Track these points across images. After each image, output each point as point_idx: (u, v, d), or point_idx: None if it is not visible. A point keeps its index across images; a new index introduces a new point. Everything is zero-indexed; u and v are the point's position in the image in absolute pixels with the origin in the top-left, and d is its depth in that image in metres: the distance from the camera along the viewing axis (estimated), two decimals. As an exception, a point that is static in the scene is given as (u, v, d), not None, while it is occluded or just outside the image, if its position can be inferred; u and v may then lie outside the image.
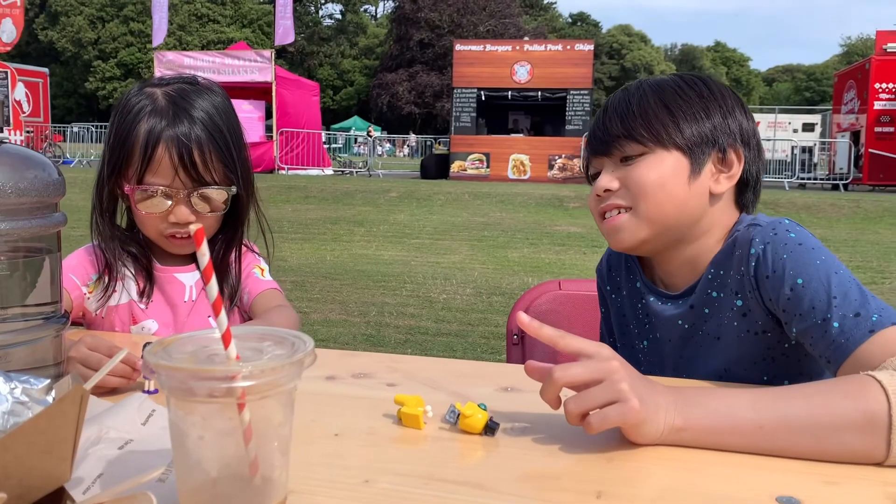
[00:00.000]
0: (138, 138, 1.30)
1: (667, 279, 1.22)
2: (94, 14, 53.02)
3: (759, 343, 1.11)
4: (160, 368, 0.56)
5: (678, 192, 1.12)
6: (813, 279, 0.99)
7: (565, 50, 18.56)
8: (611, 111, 1.17)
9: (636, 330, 1.29)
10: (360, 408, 0.92)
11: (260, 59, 17.99)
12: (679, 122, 1.13)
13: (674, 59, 73.46)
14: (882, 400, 0.79)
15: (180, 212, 1.33)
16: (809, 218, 11.25)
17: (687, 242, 1.16)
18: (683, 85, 1.17)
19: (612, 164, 1.16)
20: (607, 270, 1.35)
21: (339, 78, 59.03)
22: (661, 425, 0.80)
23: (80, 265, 1.40)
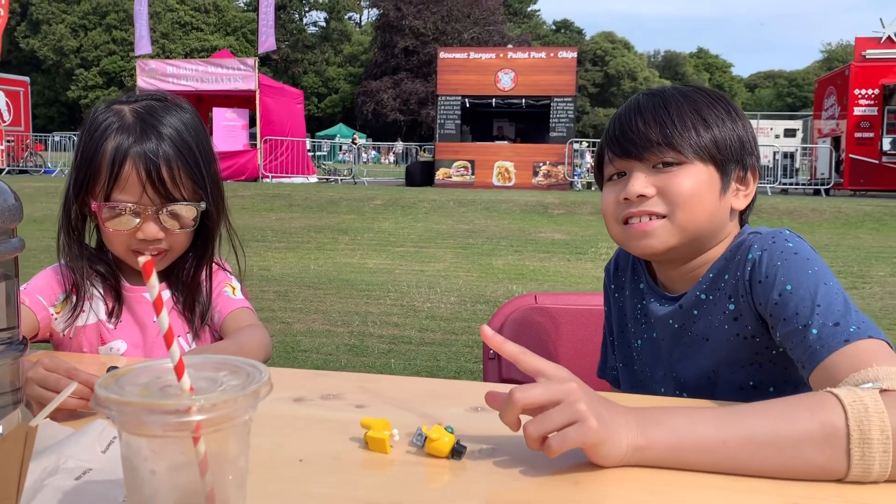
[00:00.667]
0: (105, 155, 1.29)
1: (668, 283, 1.25)
2: (77, 22, 52.70)
3: (747, 347, 1.12)
4: (110, 403, 0.55)
5: (711, 204, 1.15)
6: (801, 287, 1.02)
7: (549, 57, 18.64)
8: (647, 115, 1.16)
9: (633, 329, 1.31)
10: (327, 431, 0.91)
11: (243, 67, 17.93)
12: (716, 138, 1.15)
13: (657, 66, 73.97)
14: (839, 412, 0.80)
15: (148, 229, 1.31)
16: (791, 223, 11.34)
17: (701, 252, 1.19)
18: (711, 100, 1.19)
19: (645, 169, 1.15)
20: (614, 269, 1.38)
21: (323, 85, 58.95)
22: (623, 445, 0.80)
23: (47, 285, 1.38)
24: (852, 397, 0.81)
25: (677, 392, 1.22)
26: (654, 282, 1.28)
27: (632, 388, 1.33)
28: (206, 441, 0.59)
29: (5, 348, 0.78)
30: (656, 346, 1.25)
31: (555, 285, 7.15)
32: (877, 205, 12.70)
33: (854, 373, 0.89)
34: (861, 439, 0.78)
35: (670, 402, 1.09)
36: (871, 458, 0.78)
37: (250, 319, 1.41)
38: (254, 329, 1.32)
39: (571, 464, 0.82)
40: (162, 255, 1.36)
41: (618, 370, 1.37)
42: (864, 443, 0.78)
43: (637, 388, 1.31)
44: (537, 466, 0.81)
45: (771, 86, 76.87)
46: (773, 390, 1.14)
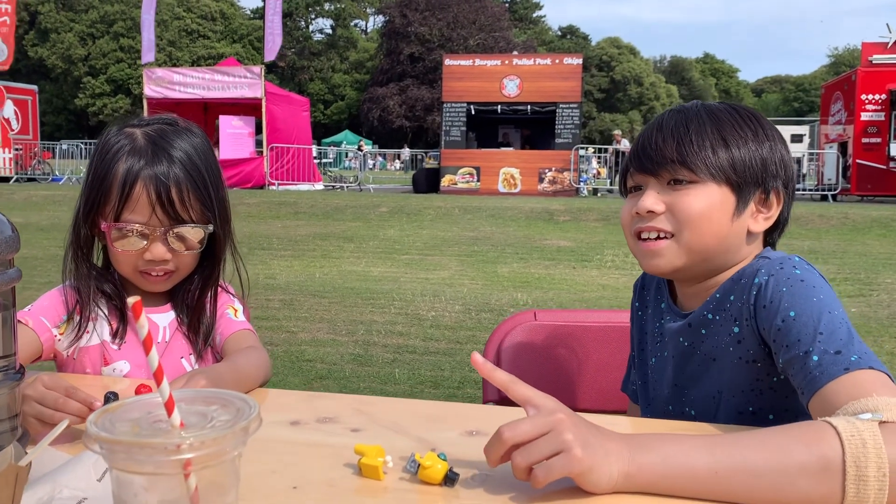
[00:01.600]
0: (117, 177, 1.31)
1: (684, 300, 1.26)
2: (85, 31, 53.04)
3: (749, 372, 1.12)
4: (100, 441, 0.56)
5: (722, 226, 1.14)
6: (804, 314, 1.01)
7: (554, 64, 18.66)
8: (666, 132, 1.17)
9: (650, 347, 1.32)
10: (322, 457, 0.91)
11: (249, 75, 18.01)
12: (734, 159, 1.14)
13: (663, 71, 73.94)
14: (836, 446, 0.80)
15: (156, 249, 1.33)
16: (798, 230, 11.31)
17: (714, 274, 1.19)
18: (740, 119, 1.18)
19: (658, 186, 1.16)
20: (641, 287, 1.39)
21: (329, 92, 59.14)
22: (613, 472, 0.80)
23: (51, 306, 1.40)
24: (850, 431, 0.80)
25: (686, 409, 1.22)
26: (672, 301, 1.29)
27: (646, 405, 1.33)
28: (196, 476, 0.59)
29: (2, 377, 0.79)
30: (666, 363, 1.26)
31: (560, 293, 7.14)
32: (884, 210, 12.65)
33: (853, 401, 0.89)
34: (857, 476, 0.78)
35: (670, 427, 1.09)
36: (867, 495, 0.78)
37: (250, 341, 1.42)
38: (252, 351, 1.33)
39: (563, 489, 0.82)
40: (168, 275, 1.38)
41: (637, 387, 1.38)
42: (860, 480, 0.78)
43: (649, 406, 1.32)
44: (529, 494, 0.81)
45: (778, 91, 76.75)
46: (772, 418, 1.13)
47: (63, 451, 0.89)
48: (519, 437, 0.79)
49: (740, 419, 1.14)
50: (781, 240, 1.30)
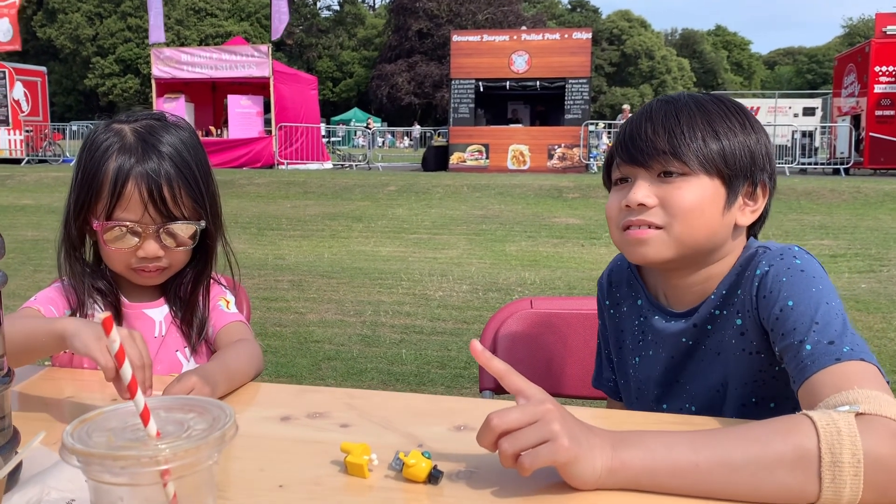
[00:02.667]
0: (107, 175, 1.31)
1: (672, 297, 1.24)
2: (92, 10, 52.91)
3: (752, 363, 1.13)
4: (76, 453, 0.57)
5: (713, 220, 1.13)
6: (802, 303, 1.02)
7: (563, 39, 18.47)
8: (656, 122, 1.15)
9: (630, 346, 1.31)
10: (309, 454, 0.92)
11: (257, 54, 17.95)
12: (725, 152, 1.13)
13: (674, 44, 73.09)
14: (812, 435, 0.81)
15: (149, 247, 1.33)
16: (809, 204, 11.22)
17: (702, 266, 1.18)
18: (727, 111, 1.17)
19: (648, 178, 1.14)
20: (608, 285, 1.37)
21: (338, 70, 58.87)
22: (598, 466, 0.81)
23: (56, 298, 1.40)
24: (826, 420, 0.82)
25: (685, 405, 1.22)
26: (654, 295, 1.27)
27: (630, 405, 1.34)
28: (174, 483, 0.60)
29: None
30: (657, 362, 1.25)
31: (568, 272, 7.13)
32: (897, 184, 12.52)
33: (836, 393, 0.90)
34: (832, 462, 0.79)
35: (663, 421, 1.10)
36: (842, 481, 0.79)
37: (243, 333, 1.43)
38: (242, 345, 1.34)
39: (547, 484, 0.83)
40: (160, 271, 1.39)
41: (617, 384, 1.38)
42: (835, 465, 0.79)
43: (635, 405, 1.32)
44: (513, 490, 0.82)
45: (791, 63, 75.78)
46: (773, 406, 1.14)
47: (54, 450, 0.90)
48: (507, 424, 0.80)
49: (744, 410, 1.15)
50: (793, 216, 1.30)
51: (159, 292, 1.46)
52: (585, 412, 1.12)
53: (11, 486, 0.79)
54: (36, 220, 10.21)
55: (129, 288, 1.44)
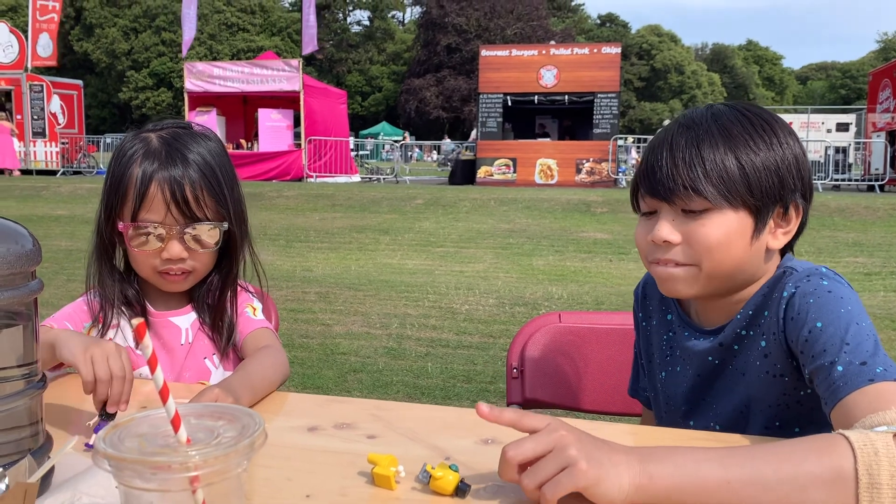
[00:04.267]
0: (133, 178, 1.34)
1: (703, 314, 1.23)
2: (128, 25, 54.00)
3: (776, 386, 1.11)
4: (108, 458, 0.57)
5: (740, 251, 1.11)
6: (831, 324, 1.01)
7: (592, 53, 18.45)
8: (676, 155, 1.10)
9: (658, 360, 1.30)
10: (336, 465, 0.92)
11: (288, 69, 18.16)
12: (750, 182, 1.09)
13: (705, 59, 72.62)
14: (848, 455, 0.79)
15: (173, 248, 1.35)
16: (843, 221, 11.04)
17: (734, 291, 1.16)
18: (752, 130, 1.11)
19: (671, 213, 1.12)
20: (642, 297, 1.36)
21: (367, 84, 59.36)
22: (624, 483, 0.79)
23: (74, 313, 1.43)
24: (863, 440, 0.80)
25: (710, 424, 1.21)
26: (685, 314, 1.26)
27: (660, 418, 1.32)
28: (203, 491, 0.61)
29: (25, 385, 0.81)
30: (684, 379, 1.24)
31: (596, 287, 7.08)
32: (933, 201, 12.27)
33: (872, 413, 0.88)
34: (870, 484, 0.77)
35: (692, 438, 1.08)
36: (881, 503, 0.77)
37: (269, 340, 1.44)
38: (267, 353, 1.34)
39: (574, 499, 0.82)
40: (186, 275, 1.40)
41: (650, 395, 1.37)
42: (873, 487, 0.77)
43: (664, 419, 1.30)
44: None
45: (824, 78, 74.88)
46: (797, 431, 1.12)
47: (86, 456, 0.91)
48: (522, 455, 0.80)
49: (767, 433, 1.13)
50: (826, 233, 1.28)
51: (186, 300, 1.48)
52: (614, 429, 1.11)
53: (44, 490, 0.80)
54: (70, 230, 10.39)
55: (156, 296, 1.46)
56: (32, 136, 20.10)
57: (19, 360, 0.81)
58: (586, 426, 1.04)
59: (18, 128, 19.74)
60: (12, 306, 0.79)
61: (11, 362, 0.80)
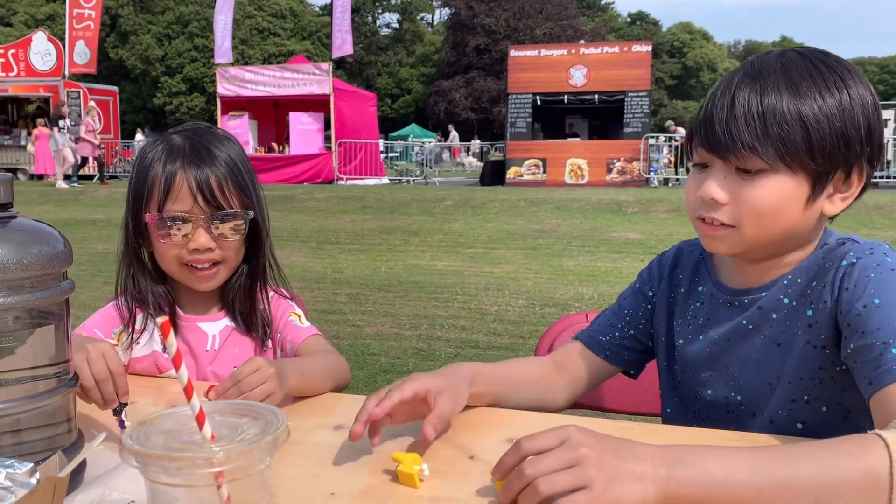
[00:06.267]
0: (158, 173, 1.36)
1: (739, 274, 1.17)
2: (161, 32, 54.87)
3: (814, 358, 1.06)
4: (134, 454, 0.59)
5: (791, 218, 1.05)
6: (890, 303, 0.96)
7: (622, 52, 18.32)
8: (737, 108, 1.03)
9: (679, 328, 1.25)
10: (361, 463, 0.93)
11: (318, 72, 18.31)
12: (813, 145, 1.01)
13: (737, 56, 71.67)
14: (885, 459, 0.76)
15: (200, 237, 1.35)
16: (881, 219, 10.81)
17: (780, 254, 1.11)
18: (823, 86, 1.02)
19: (724, 170, 1.05)
20: (671, 266, 1.30)
21: (397, 86, 59.60)
22: (650, 494, 0.77)
23: (102, 320, 1.43)
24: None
25: (730, 394, 1.15)
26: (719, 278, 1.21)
27: (671, 390, 1.27)
28: (228, 486, 0.62)
29: (57, 383, 0.83)
30: (707, 345, 1.18)
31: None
32: (976, 198, 11.96)
33: None
34: None
35: (717, 438, 1.06)
36: None
37: (322, 346, 1.44)
38: (324, 354, 1.35)
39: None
40: (215, 269, 1.40)
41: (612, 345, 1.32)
42: None
43: (677, 390, 1.26)
44: None
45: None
46: (825, 409, 1.07)
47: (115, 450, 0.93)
48: (540, 471, 0.77)
49: (793, 407, 1.08)
50: (864, 231, 1.23)
51: (218, 304, 1.48)
52: (637, 428, 1.10)
53: (76, 485, 0.82)
54: (106, 233, 10.58)
55: (186, 300, 1.47)
56: (70, 141, 20.50)
57: (51, 360, 0.83)
58: (609, 426, 1.04)
59: (56, 134, 20.16)
60: (44, 306, 0.81)
61: (44, 361, 0.82)
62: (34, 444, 0.81)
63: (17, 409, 0.79)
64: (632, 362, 1.35)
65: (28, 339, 0.80)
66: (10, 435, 0.79)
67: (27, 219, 0.83)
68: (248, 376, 1.05)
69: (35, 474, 0.61)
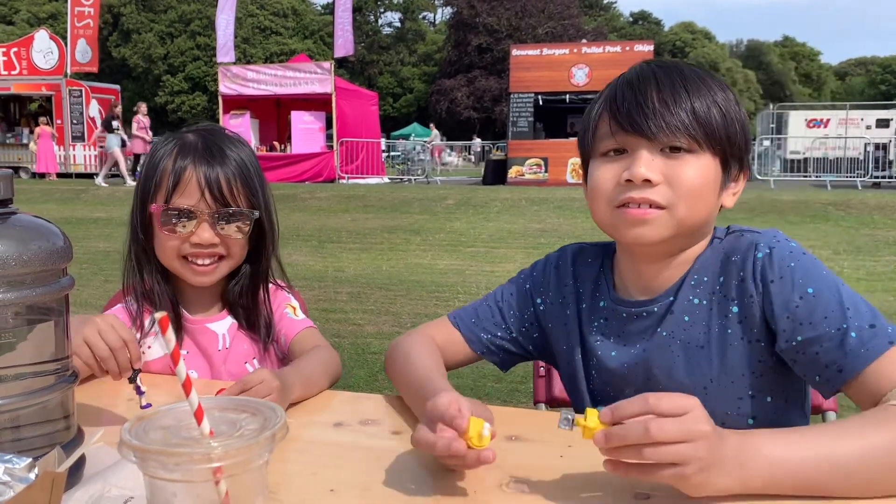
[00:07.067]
0: (168, 167, 1.37)
1: (639, 280, 1.14)
2: (164, 30, 54.90)
3: (754, 352, 1.06)
4: (133, 449, 0.59)
5: (712, 202, 1.07)
6: (824, 289, 0.99)
7: (624, 51, 18.30)
8: (665, 92, 1.04)
9: (589, 346, 1.19)
10: (361, 460, 0.93)
11: (320, 71, 18.30)
12: (728, 131, 1.05)
13: (739, 56, 71.63)
14: None
15: (203, 233, 1.36)
16: (882, 219, 10.79)
17: (683, 249, 1.11)
18: (723, 87, 1.08)
19: (651, 151, 1.04)
20: (568, 276, 1.24)
21: (398, 85, 59.60)
22: (720, 486, 0.79)
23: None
24: None
25: None
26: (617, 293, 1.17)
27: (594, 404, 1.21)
28: (226, 481, 0.61)
29: (56, 380, 0.83)
30: (626, 361, 1.14)
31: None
32: (978, 199, 11.94)
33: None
34: None
35: None
36: None
37: (316, 339, 1.45)
38: (319, 351, 1.35)
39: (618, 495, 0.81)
40: (215, 264, 1.39)
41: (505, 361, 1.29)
42: None
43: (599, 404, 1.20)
44: (572, 500, 0.81)
45: (863, 73, 73.30)
46: (769, 400, 1.08)
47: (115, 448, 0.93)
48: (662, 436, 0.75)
49: (741, 404, 1.08)
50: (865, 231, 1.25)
51: (220, 305, 1.49)
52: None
53: (76, 482, 0.82)
54: (108, 232, 10.59)
55: (190, 302, 1.47)
56: (72, 140, 20.54)
57: (51, 356, 0.83)
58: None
59: (58, 132, 20.19)
60: (44, 302, 0.81)
61: (43, 357, 0.82)
62: (33, 440, 0.81)
63: (17, 405, 0.79)
64: (506, 361, 1.31)
65: (28, 336, 0.80)
66: (9, 431, 0.79)
67: (27, 215, 0.83)
68: (254, 386, 1.04)
69: (34, 469, 0.61)
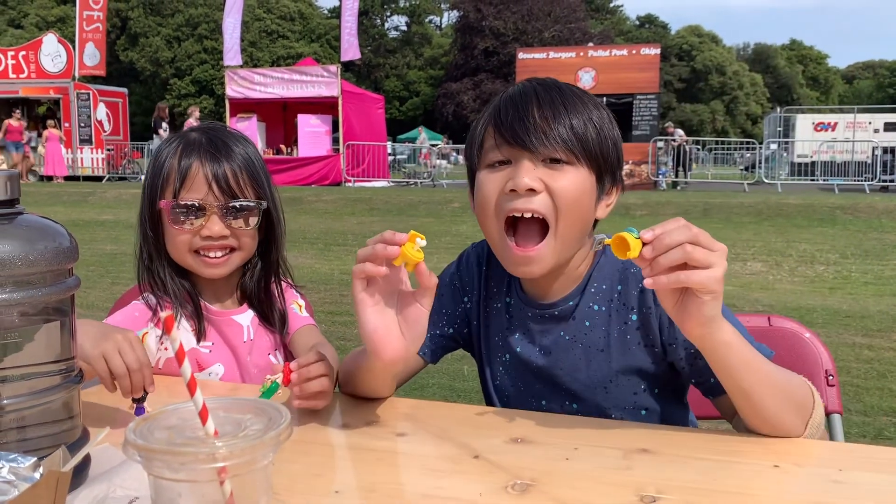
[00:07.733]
0: (174, 165, 1.38)
1: (536, 290, 1.22)
2: (171, 34, 55.12)
3: (648, 355, 1.15)
4: (137, 449, 0.59)
5: (588, 213, 1.14)
6: None
7: (631, 55, 18.30)
8: (545, 106, 1.11)
9: (500, 342, 1.26)
10: (366, 461, 0.93)
11: (326, 75, 18.34)
12: (603, 146, 1.13)
13: (747, 59, 71.44)
14: (812, 399, 1.03)
15: (213, 225, 1.37)
16: (891, 223, 10.73)
17: (569, 258, 1.17)
18: (597, 105, 1.16)
19: (533, 163, 1.10)
20: (486, 276, 1.29)
21: (405, 89, 59.68)
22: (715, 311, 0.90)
23: (124, 322, 1.42)
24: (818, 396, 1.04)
25: (567, 403, 1.21)
26: (525, 294, 1.24)
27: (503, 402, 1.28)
28: (230, 482, 0.61)
29: (62, 380, 0.84)
30: (532, 360, 1.21)
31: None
32: None
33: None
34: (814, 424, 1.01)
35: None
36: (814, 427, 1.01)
37: (317, 337, 1.47)
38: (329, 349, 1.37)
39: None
40: (227, 256, 1.40)
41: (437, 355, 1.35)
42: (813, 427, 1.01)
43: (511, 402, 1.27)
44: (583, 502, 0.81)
45: (871, 77, 73.06)
46: (657, 391, 1.18)
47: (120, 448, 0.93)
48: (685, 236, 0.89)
49: (636, 399, 1.18)
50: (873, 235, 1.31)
51: (239, 299, 1.50)
52: (623, 427, 1.09)
53: (81, 482, 0.82)
54: (115, 234, 10.62)
55: (209, 296, 1.48)
56: (79, 143, 20.62)
57: (57, 356, 0.83)
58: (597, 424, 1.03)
59: (66, 135, 20.28)
60: (50, 302, 0.81)
61: (48, 357, 0.82)
62: (39, 440, 0.81)
63: (22, 405, 0.79)
64: (438, 355, 1.36)
65: (34, 336, 0.81)
66: (14, 431, 0.79)
67: (33, 215, 0.83)
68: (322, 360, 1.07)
69: (38, 469, 0.61)
